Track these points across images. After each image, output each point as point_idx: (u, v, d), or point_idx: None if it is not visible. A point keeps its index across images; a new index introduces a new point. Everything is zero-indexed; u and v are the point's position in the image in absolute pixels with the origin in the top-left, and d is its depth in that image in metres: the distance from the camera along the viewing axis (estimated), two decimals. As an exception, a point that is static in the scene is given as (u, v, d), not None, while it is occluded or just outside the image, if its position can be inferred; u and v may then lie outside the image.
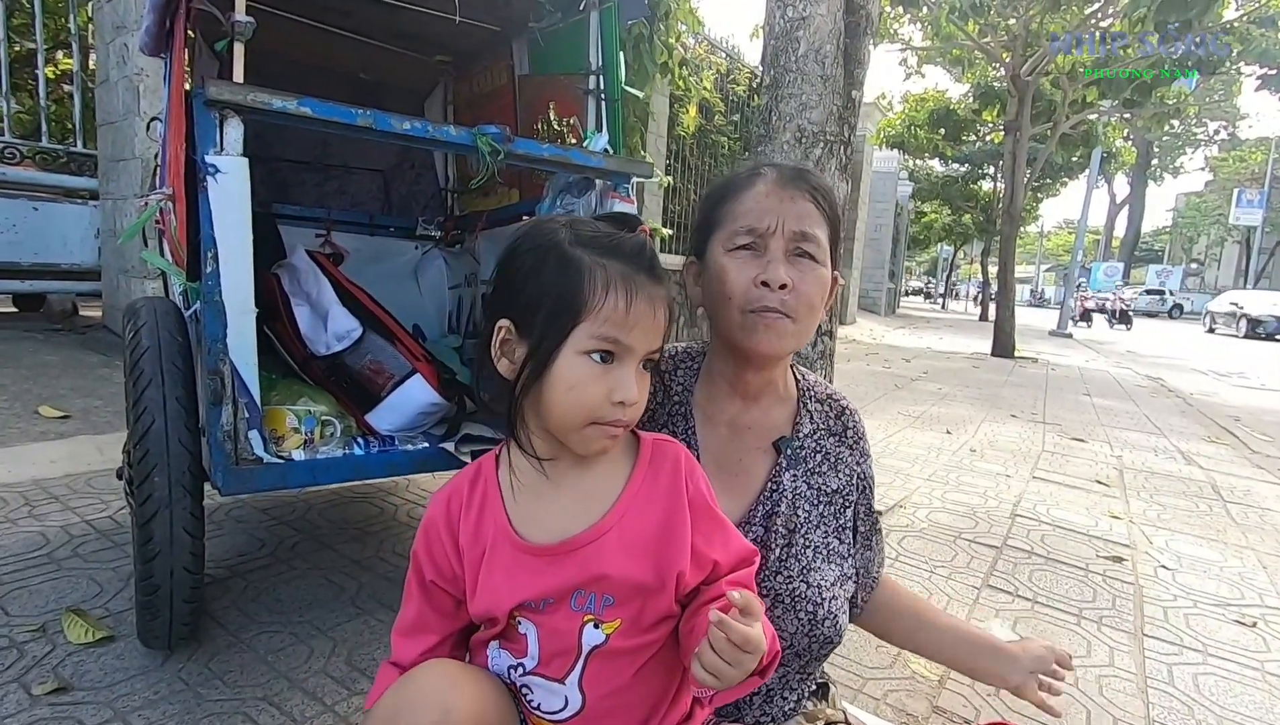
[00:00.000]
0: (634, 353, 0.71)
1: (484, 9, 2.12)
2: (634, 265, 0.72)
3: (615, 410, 0.71)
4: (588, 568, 0.73)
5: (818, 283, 0.90)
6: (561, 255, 0.72)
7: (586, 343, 0.70)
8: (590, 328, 0.70)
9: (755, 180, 0.93)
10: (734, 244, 0.91)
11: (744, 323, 0.90)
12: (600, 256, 0.71)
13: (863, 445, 1.05)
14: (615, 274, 0.70)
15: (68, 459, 2.53)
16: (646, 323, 0.71)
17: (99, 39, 4.54)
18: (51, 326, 4.72)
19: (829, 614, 0.94)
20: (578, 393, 0.70)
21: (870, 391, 5.80)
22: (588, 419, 0.71)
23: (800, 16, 1.95)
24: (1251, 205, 29.24)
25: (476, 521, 0.77)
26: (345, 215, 2.61)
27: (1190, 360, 11.46)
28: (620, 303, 0.70)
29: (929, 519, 2.68)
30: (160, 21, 1.44)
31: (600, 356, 0.70)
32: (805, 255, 0.90)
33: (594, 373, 0.70)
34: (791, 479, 0.98)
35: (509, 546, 0.75)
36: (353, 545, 2.04)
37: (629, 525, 0.75)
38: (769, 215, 0.89)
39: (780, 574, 0.94)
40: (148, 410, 1.24)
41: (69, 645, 1.43)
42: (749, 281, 0.89)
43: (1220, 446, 4.58)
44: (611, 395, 0.70)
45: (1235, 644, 1.86)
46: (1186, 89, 10.88)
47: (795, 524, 0.97)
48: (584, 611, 0.73)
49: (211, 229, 1.22)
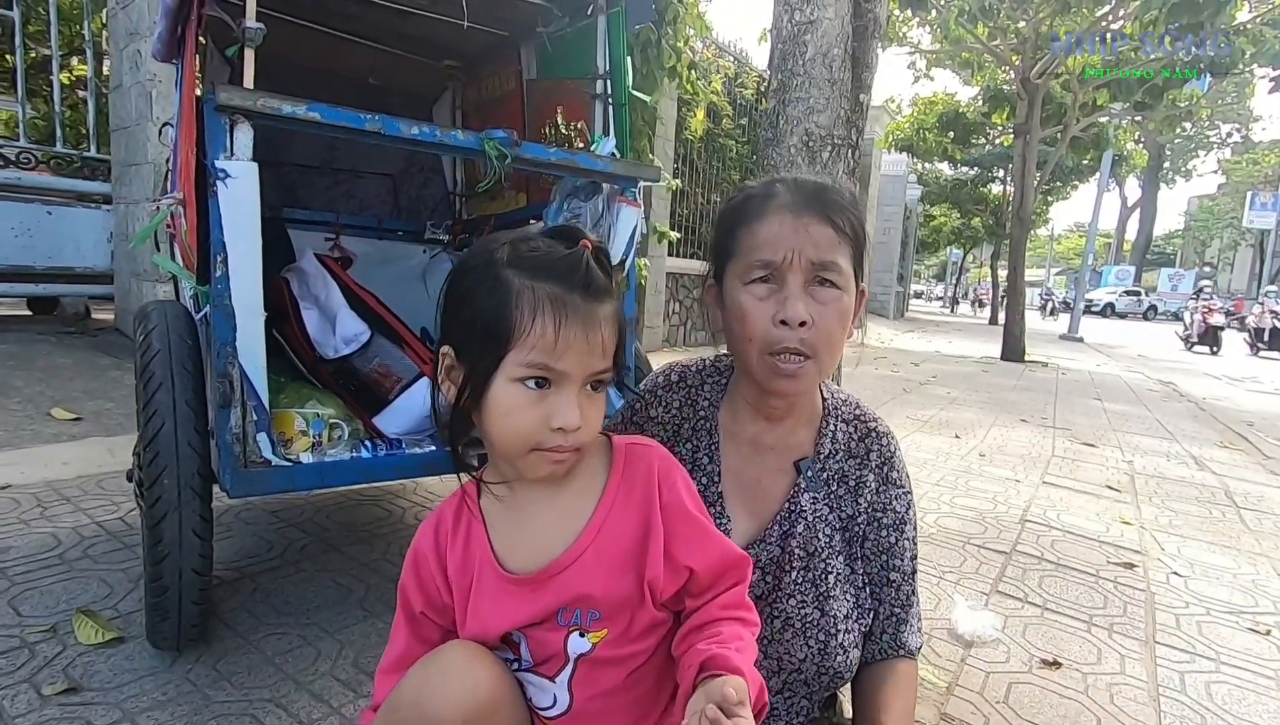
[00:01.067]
0: (570, 378, 0.68)
1: (492, 14, 2.13)
2: (565, 285, 0.68)
3: (555, 436, 0.68)
4: (570, 590, 0.73)
5: (839, 313, 0.86)
6: (494, 277, 0.69)
7: (517, 371, 0.67)
8: (519, 356, 0.67)
9: (768, 205, 0.89)
10: (750, 277, 0.87)
11: (762, 366, 0.87)
12: (529, 278, 0.68)
13: (888, 473, 0.99)
14: (543, 297, 0.67)
15: (80, 461, 2.56)
16: (579, 347, 0.67)
17: (113, 45, 4.59)
18: (64, 329, 4.77)
19: (840, 647, 0.91)
20: (513, 420, 0.68)
21: (879, 395, 5.77)
22: (527, 446, 0.69)
23: (808, 20, 1.95)
24: (1265, 208, 28.98)
25: (463, 551, 0.76)
26: (354, 219, 2.63)
27: (1203, 365, 11.34)
28: (548, 329, 0.66)
29: (937, 524, 2.67)
30: (172, 28, 1.46)
31: (534, 383, 0.68)
32: (826, 282, 0.86)
33: (528, 399, 0.68)
34: (811, 501, 0.95)
35: (493, 577, 0.74)
36: (360, 548, 2.05)
37: (606, 540, 0.74)
38: (784, 246, 0.85)
39: (794, 597, 0.92)
40: (158, 413, 1.25)
41: (79, 646, 1.44)
42: (768, 322, 0.85)
43: (1234, 452, 4.53)
44: (549, 422, 0.68)
45: (1249, 652, 1.84)
46: (1199, 91, 10.80)
47: (815, 548, 0.94)
48: (569, 625, 0.74)
49: (221, 233, 1.23)
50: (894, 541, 0.98)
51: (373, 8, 2.13)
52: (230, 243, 1.24)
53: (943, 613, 1.92)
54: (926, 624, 1.86)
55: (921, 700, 1.51)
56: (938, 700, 1.51)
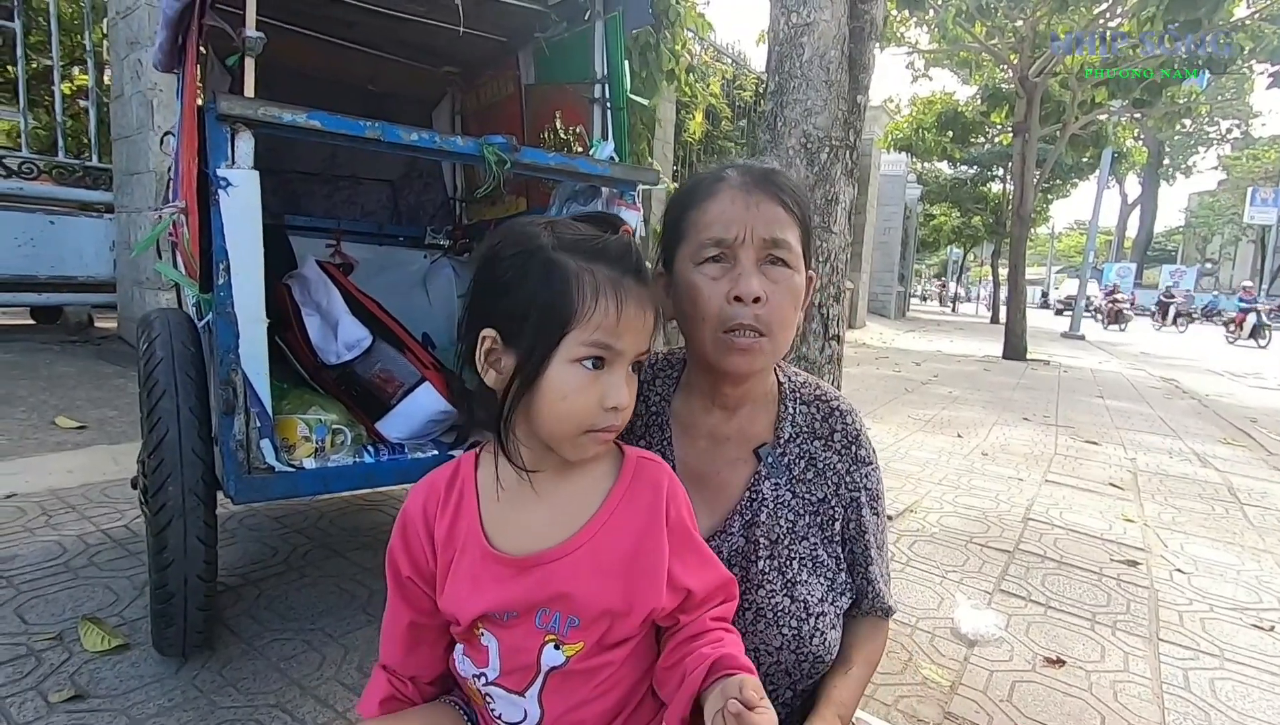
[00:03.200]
0: (625, 357, 0.71)
1: (490, 20, 2.14)
2: (621, 268, 0.71)
3: (609, 416, 0.70)
4: (553, 584, 0.71)
5: (791, 291, 0.87)
6: (546, 261, 0.70)
7: (578, 351, 0.69)
8: (581, 335, 0.68)
9: (719, 186, 0.89)
10: (702, 257, 0.87)
11: (716, 345, 0.87)
12: (586, 261, 0.70)
13: (855, 451, 0.97)
14: (604, 279, 0.69)
15: (84, 469, 2.57)
16: (637, 326, 0.71)
17: (113, 55, 4.61)
18: (68, 338, 4.79)
19: (815, 630, 0.90)
20: (571, 402, 0.69)
21: (880, 395, 5.77)
22: (582, 427, 0.70)
23: (805, 23, 1.95)
24: (1266, 204, 28.92)
25: (451, 523, 0.76)
26: (354, 225, 2.64)
27: (1205, 361, 11.32)
28: (611, 308, 0.68)
29: (940, 523, 2.67)
30: (173, 38, 1.47)
31: (592, 363, 0.69)
32: (778, 261, 0.86)
33: (586, 380, 0.69)
34: (773, 488, 0.94)
35: (478, 553, 0.74)
36: (363, 553, 2.06)
37: (601, 544, 0.73)
38: (736, 224, 0.85)
39: (763, 587, 0.91)
40: (161, 420, 1.25)
41: (85, 653, 1.45)
42: (722, 298, 0.85)
43: (1237, 448, 4.52)
44: (604, 401, 0.69)
45: (1253, 648, 1.84)
46: (1197, 88, 10.79)
47: (777, 534, 0.93)
48: (547, 630, 0.72)
49: (223, 241, 1.24)
50: (871, 519, 0.97)
51: (371, 15, 2.14)
52: (232, 250, 1.25)
53: (945, 612, 1.92)
54: (930, 623, 1.86)
55: (925, 699, 1.51)
56: (941, 699, 1.51)
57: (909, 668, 1.63)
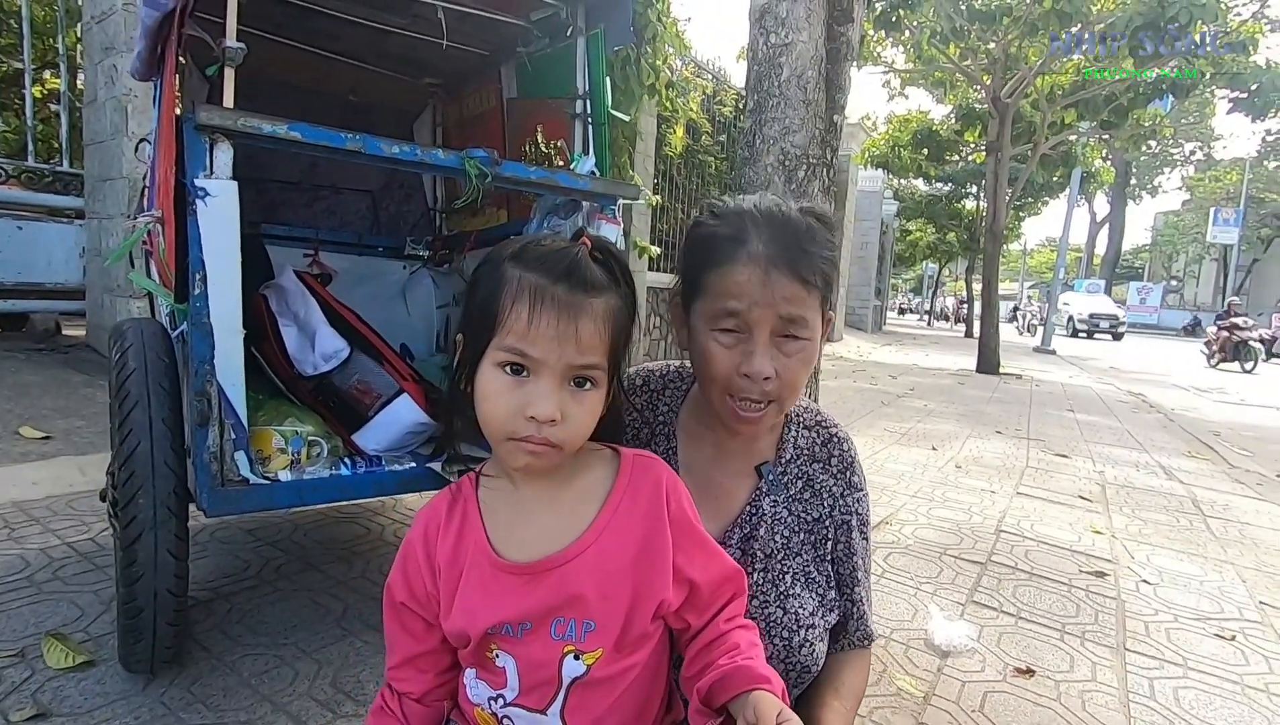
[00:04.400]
0: (546, 366, 0.68)
1: (473, 34, 2.15)
2: (550, 277, 0.69)
3: (528, 426, 0.68)
4: (566, 587, 0.72)
5: (804, 362, 0.87)
6: (495, 268, 0.72)
7: (497, 355, 0.70)
8: (499, 340, 0.69)
9: (739, 252, 0.86)
10: (717, 324, 0.87)
11: (723, 406, 0.89)
12: (521, 268, 0.70)
13: (850, 477, 1.02)
14: (526, 286, 0.69)
15: (49, 480, 2.51)
16: (551, 334, 0.68)
17: (87, 59, 4.55)
18: (34, 346, 4.67)
19: (805, 642, 0.93)
20: (490, 405, 0.70)
21: (857, 408, 5.83)
22: (503, 432, 0.70)
23: (783, 44, 2.00)
24: (1228, 224, 29.82)
25: (455, 541, 0.76)
26: (333, 235, 2.63)
27: (1172, 376, 11.61)
28: (523, 315, 0.68)
29: (915, 535, 2.70)
30: (152, 47, 1.46)
31: (511, 369, 0.69)
32: (792, 336, 0.86)
33: (505, 386, 0.69)
34: (772, 504, 0.97)
35: (487, 565, 0.74)
36: (339, 566, 2.03)
37: (608, 544, 0.74)
38: (754, 303, 0.84)
39: (756, 598, 0.94)
40: (133, 432, 1.24)
41: (48, 670, 1.41)
42: (731, 370, 0.86)
43: (1201, 461, 4.64)
44: (523, 410, 0.68)
45: (1215, 657, 1.89)
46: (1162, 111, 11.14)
47: (772, 549, 0.96)
48: (565, 640, 0.72)
49: (200, 251, 1.23)
50: (860, 543, 1.01)
51: (354, 26, 2.14)
52: (209, 261, 1.24)
53: (919, 623, 1.94)
54: (904, 634, 1.88)
55: (899, 710, 1.53)
56: (915, 710, 1.53)
57: (884, 679, 1.64)
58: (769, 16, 2.03)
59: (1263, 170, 33.16)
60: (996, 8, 8.42)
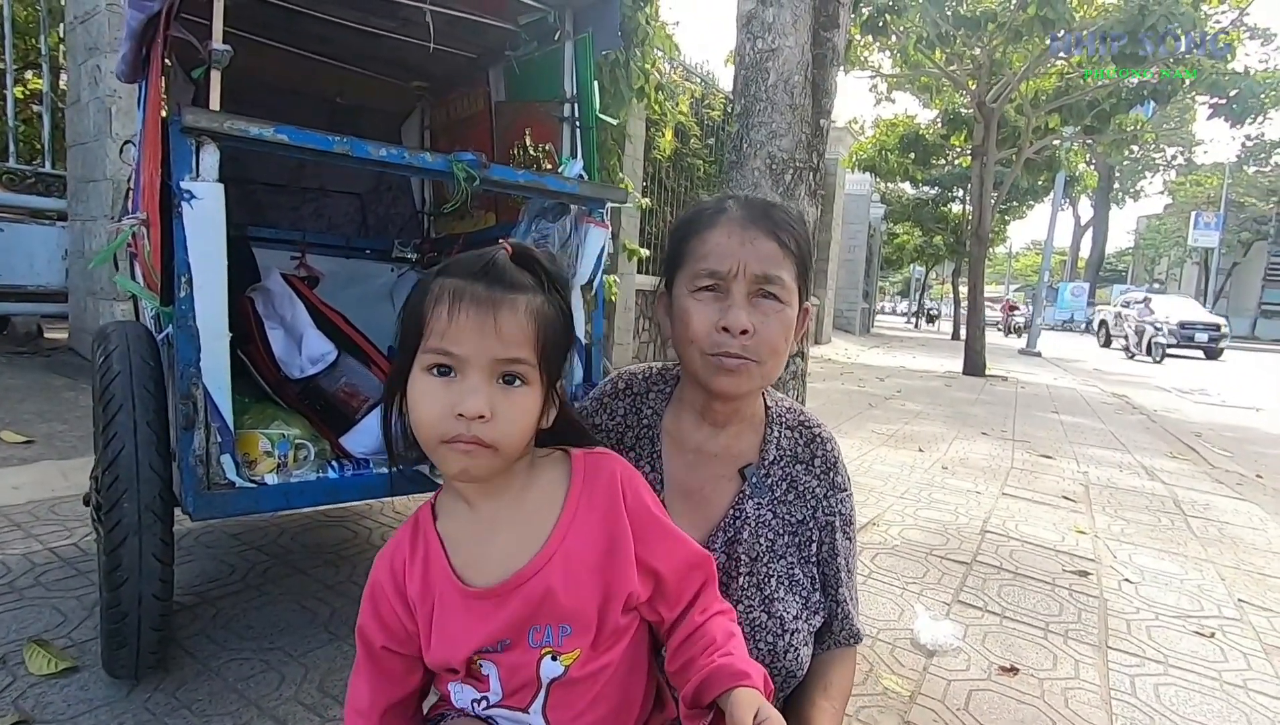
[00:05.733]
0: (470, 363, 0.69)
1: (461, 37, 2.16)
2: (469, 276, 0.71)
3: (458, 424, 0.69)
4: (536, 599, 0.72)
5: (781, 324, 0.90)
6: (423, 284, 0.74)
7: (424, 359, 0.71)
8: (426, 344, 0.70)
9: (718, 218, 0.92)
10: (696, 285, 0.91)
11: (705, 365, 0.91)
12: (444, 276, 0.72)
13: (833, 477, 1.02)
14: (447, 288, 0.71)
15: (31, 485, 2.48)
16: (474, 328, 0.69)
17: (71, 60, 4.50)
18: (15, 349, 4.61)
19: (790, 646, 0.94)
20: (421, 410, 0.71)
21: (845, 410, 5.87)
22: (435, 436, 0.70)
23: (770, 48, 2.01)
24: (1209, 228, 30.25)
25: (423, 574, 0.75)
26: (321, 238, 2.62)
27: (1155, 378, 11.76)
28: (444, 312, 0.69)
29: (901, 536, 2.72)
30: (137, 49, 1.46)
31: (438, 371, 0.70)
32: (769, 296, 0.89)
33: (434, 388, 0.70)
34: (755, 507, 0.98)
35: (456, 595, 0.74)
36: (325, 570, 2.02)
37: (572, 548, 0.74)
38: (730, 258, 0.89)
39: (741, 602, 0.94)
40: (118, 435, 1.23)
41: (31, 677, 1.40)
42: (710, 326, 0.89)
43: (1182, 462, 4.71)
44: (452, 409, 0.69)
45: (1194, 655, 1.92)
46: (1144, 116, 11.30)
47: (758, 553, 0.96)
48: (542, 646, 0.73)
49: (186, 254, 1.23)
50: (844, 543, 1.01)
51: (342, 29, 2.14)
52: (195, 264, 1.23)
53: (906, 623, 1.96)
54: (890, 634, 1.90)
55: (885, 709, 1.54)
56: (901, 709, 1.55)
57: (870, 678, 1.66)
58: (756, 22, 2.05)
59: (1243, 175, 33.70)
60: (981, 14, 8.51)
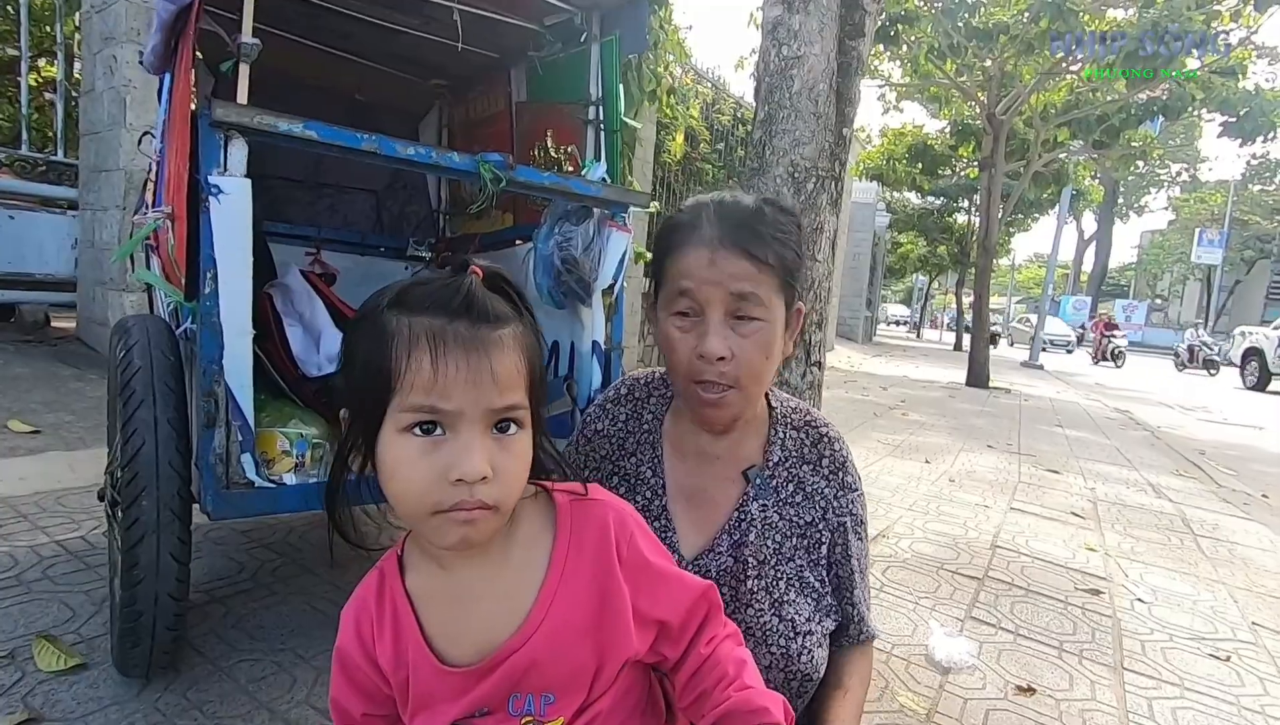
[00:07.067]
0: (463, 417, 0.59)
1: (484, 37, 2.14)
2: (445, 314, 0.59)
3: (456, 491, 0.58)
4: (520, 673, 0.65)
5: (760, 345, 0.87)
6: (373, 321, 0.61)
7: (402, 418, 0.59)
8: (400, 400, 0.58)
9: (691, 236, 0.88)
10: (673, 308, 0.89)
11: (688, 392, 0.90)
12: (409, 313, 0.60)
13: (842, 477, 1.00)
14: (420, 330, 0.58)
15: (38, 476, 2.46)
16: (464, 378, 0.58)
17: (86, 49, 4.49)
18: (23, 338, 4.60)
19: (803, 648, 0.92)
20: (402, 479, 0.59)
21: (850, 418, 5.85)
22: (425, 508, 0.59)
23: (795, 56, 2.00)
24: (1212, 245, 30.29)
25: (393, 642, 0.67)
26: (336, 234, 2.60)
27: (1156, 393, 11.75)
28: (425, 362, 0.57)
29: (911, 549, 2.71)
30: (167, 40, 1.44)
31: (421, 429, 0.59)
32: (746, 317, 0.86)
33: (418, 451, 0.58)
34: (760, 508, 0.95)
35: (431, 673, 0.66)
36: (337, 570, 2.01)
37: (558, 616, 0.66)
38: (703, 283, 0.85)
39: (751, 606, 0.92)
40: (138, 432, 1.21)
41: (39, 673, 1.38)
42: (690, 354, 0.87)
43: (1188, 480, 4.69)
44: (447, 473, 0.58)
45: (1211, 678, 1.90)
46: (1151, 132, 11.32)
47: (765, 555, 0.94)
48: (523, 715, 0.66)
49: (212, 249, 1.22)
50: (857, 543, 1.00)
51: (365, 25, 2.13)
52: (221, 259, 1.22)
53: (920, 638, 1.94)
54: (905, 649, 1.88)
55: (903, 727, 1.52)
56: (918, 727, 1.53)
57: (886, 695, 1.64)
58: (782, 29, 2.03)
59: (1247, 193, 33.71)
60: (993, 26, 8.50)
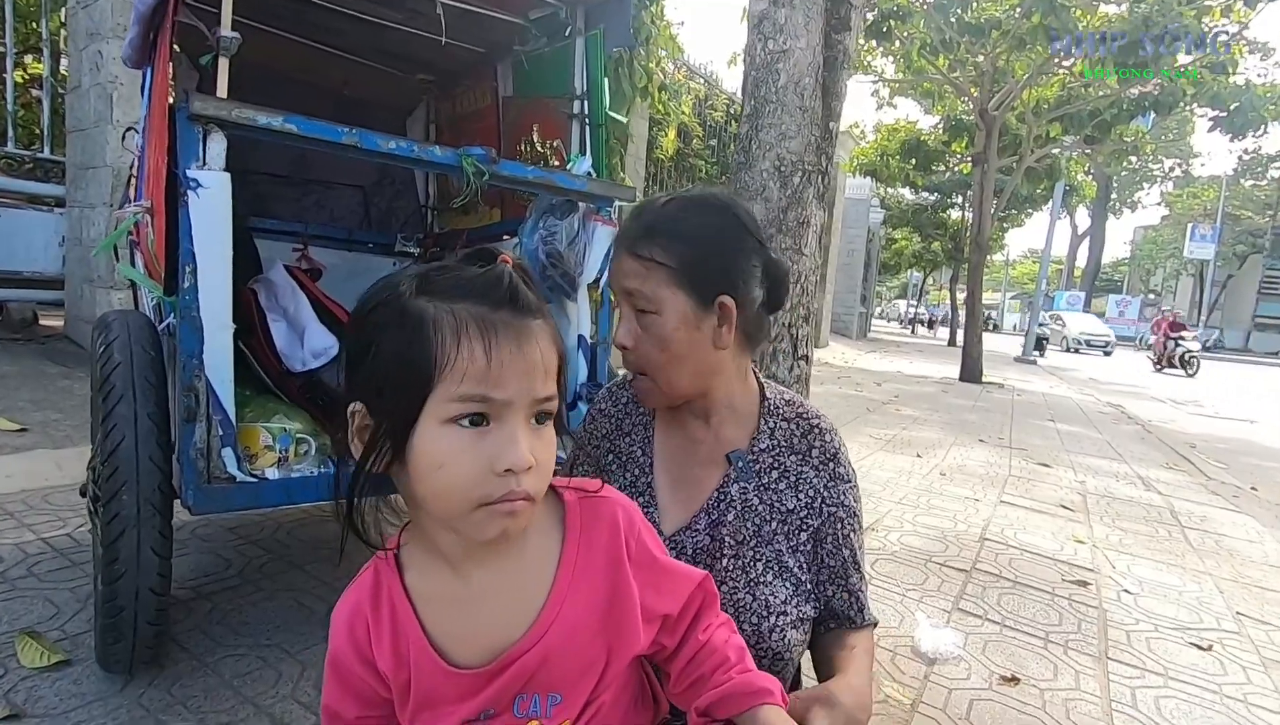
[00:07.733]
0: (513, 407, 0.58)
1: (471, 32, 2.14)
2: (490, 302, 0.59)
3: (504, 482, 0.57)
4: (530, 673, 0.65)
5: (655, 337, 0.92)
6: (400, 310, 0.59)
7: (449, 408, 0.57)
8: (448, 390, 0.57)
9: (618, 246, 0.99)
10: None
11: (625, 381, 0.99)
12: (447, 301, 0.59)
13: (834, 468, 1.01)
14: (467, 318, 0.57)
15: (24, 474, 2.45)
16: (518, 368, 0.58)
17: (72, 45, 4.46)
18: (10, 336, 4.57)
19: (776, 627, 0.93)
20: (450, 471, 0.57)
21: (843, 414, 5.87)
22: (472, 501, 0.58)
23: (781, 50, 2.00)
24: (1204, 240, 30.44)
25: (393, 644, 0.65)
26: (323, 230, 2.60)
27: (1149, 388, 11.81)
28: (479, 351, 0.57)
29: (900, 542, 2.72)
30: (145, 34, 1.43)
31: (469, 421, 0.57)
32: (641, 311, 0.94)
33: (466, 442, 0.57)
34: (741, 491, 0.98)
35: (436, 674, 0.64)
36: (323, 566, 2.00)
37: (569, 617, 0.66)
38: (614, 282, 0.96)
39: (725, 583, 0.94)
40: (118, 427, 1.21)
41: (22, 669, 1.38)
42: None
43: (1178, 473, 4.72)
44: (495, 464, 0.57)
45: (1194, 667, 1.91)
46: (1143, 127, 11.36)
47: (744, 536, 0.96)
48: (529, 717, 0.66)
49: (191, 243, 1.21)
50: (849, 533, 1.01)
51: (351, 20, 2.12)
52: (200, 253, 1.22)
53: (906, 630, 1.95)
54: (891, 641, 1.89)
55: (886, 718, 1.53)
56: (903, 717, 1.54)
57: (871, 685, 1.65)
58: (767, 23, 2.03)
59: (1239, 188, 33.87)
60: (986, 21, 8.52)
